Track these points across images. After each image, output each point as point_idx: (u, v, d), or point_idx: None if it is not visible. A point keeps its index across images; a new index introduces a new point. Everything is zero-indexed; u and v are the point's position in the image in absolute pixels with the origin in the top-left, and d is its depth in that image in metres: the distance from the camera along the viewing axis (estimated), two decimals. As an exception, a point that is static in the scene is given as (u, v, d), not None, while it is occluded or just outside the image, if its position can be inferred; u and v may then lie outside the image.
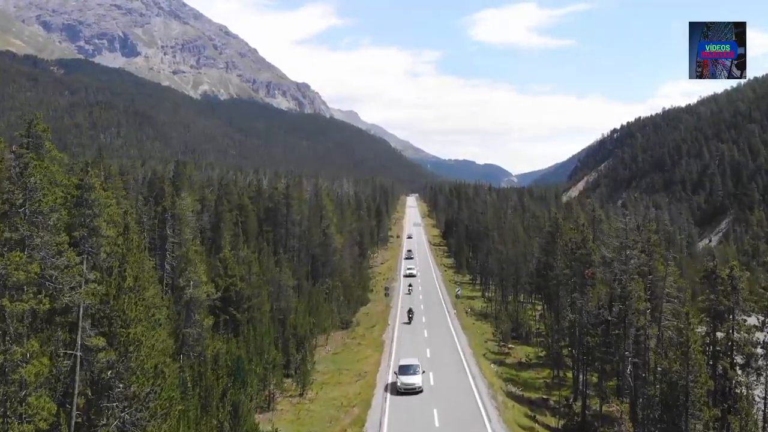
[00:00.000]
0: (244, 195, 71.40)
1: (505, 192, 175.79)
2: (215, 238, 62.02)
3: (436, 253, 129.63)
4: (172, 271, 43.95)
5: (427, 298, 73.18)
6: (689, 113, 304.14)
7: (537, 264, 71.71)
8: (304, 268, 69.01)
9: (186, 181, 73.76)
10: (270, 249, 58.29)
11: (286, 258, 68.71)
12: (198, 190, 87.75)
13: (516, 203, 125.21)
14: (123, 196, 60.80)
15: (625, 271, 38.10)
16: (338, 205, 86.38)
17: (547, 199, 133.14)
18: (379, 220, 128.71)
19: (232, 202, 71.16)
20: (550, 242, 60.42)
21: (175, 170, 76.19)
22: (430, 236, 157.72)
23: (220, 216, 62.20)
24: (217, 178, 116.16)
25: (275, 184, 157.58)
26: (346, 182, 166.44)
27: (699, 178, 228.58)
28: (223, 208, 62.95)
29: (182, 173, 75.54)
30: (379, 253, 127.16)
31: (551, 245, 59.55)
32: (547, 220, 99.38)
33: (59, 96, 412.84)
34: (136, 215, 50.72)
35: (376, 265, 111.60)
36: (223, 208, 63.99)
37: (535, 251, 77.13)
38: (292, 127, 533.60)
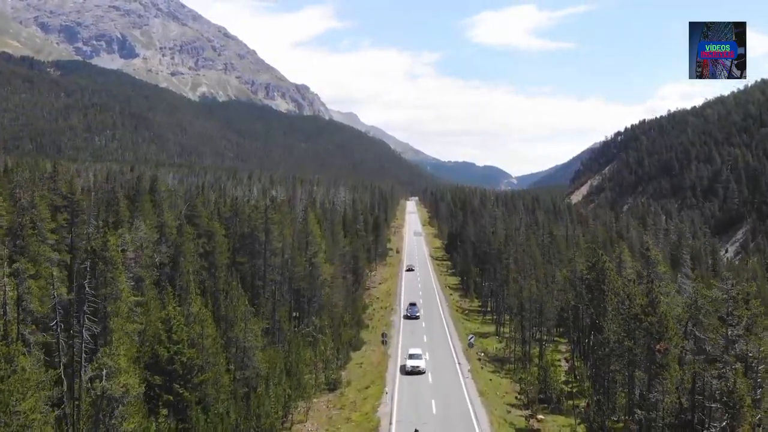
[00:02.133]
0: (214, 219, 59.14)
1: (511, 200, 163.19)
2: (173, 277, 49.87)
3: (439, 269, 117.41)
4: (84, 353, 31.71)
5: (432, 338, 61.03)
6: (695, 116, 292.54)
7: (564, 302, 59.62)
8: (286, 306, 56.92)
9: (147, 203, 61.59)
10: (239, 290, 46.24)
11: (264, 296, 56.56)
12: (169, 208, 75.70)
13: (528, 219, 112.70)
14: (64, 224, 48.70)
15: (726, 361, 25.94)
16: (330, 225, 74.21)
17: (561, 212, 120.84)
18: (378, 235, 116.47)
19: (201, 227, 59.02)
20: (593, 290, 47.48)
21: (137, 186, 63.95)
22: (432, 248, 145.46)
23: (179, 248, 50.01)
24: (194, 192, 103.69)
25: (266, 194, 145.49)
26: (343, 190, 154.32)
27: (710, 184, 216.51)
28: (184, 238, 50.69)
29: (143, 191, 63.35)
30: (377, 269, 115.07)
31: (593, 293, 46.92)
32: (572, 245, 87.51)
33: (54, 98, 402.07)
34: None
35: (373, 286, 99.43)
36: (185, 238, 51.79)
37: (558, 281, 65.11)
38: (291, 129, 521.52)
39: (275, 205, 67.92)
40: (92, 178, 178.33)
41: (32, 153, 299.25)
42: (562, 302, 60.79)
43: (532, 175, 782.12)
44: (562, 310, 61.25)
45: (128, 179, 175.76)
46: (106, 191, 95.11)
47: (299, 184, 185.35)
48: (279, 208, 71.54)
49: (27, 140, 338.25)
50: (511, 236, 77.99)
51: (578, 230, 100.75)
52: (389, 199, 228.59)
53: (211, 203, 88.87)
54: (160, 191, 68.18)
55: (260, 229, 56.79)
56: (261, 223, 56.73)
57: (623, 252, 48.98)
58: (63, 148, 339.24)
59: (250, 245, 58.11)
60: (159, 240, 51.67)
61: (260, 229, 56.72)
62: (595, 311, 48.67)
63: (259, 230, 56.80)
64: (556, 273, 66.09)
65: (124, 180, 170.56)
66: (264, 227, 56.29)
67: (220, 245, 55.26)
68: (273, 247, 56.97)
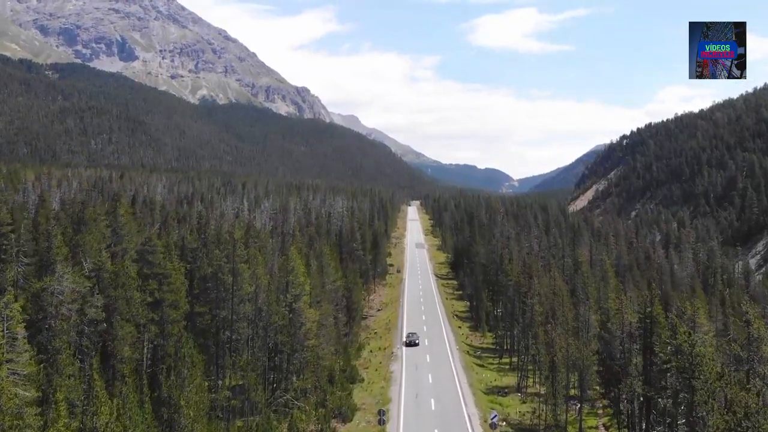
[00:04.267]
0: (173, 255, 46.76)
1: (517, 206, 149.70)
2: (106, 342, 37.59)
3: (444, 290, 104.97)
4: None
5: (441, 402, 48.73)
6: (704, 119, 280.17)
7: (601, 355, 47.25)
8: (259, 367, 44.63)
9: (94, 233, 49.30)
10: (192, 356, 34.14)
11: (230, 356, 44.23)
12: (137, 232, 63.63)
13: (544, 239, 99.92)
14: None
15: None
16: (319, 255, 61.95)
17: (580, 230, 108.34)
18: (377, 253, 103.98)
19: (154, 263, 46.59)
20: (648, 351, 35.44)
21: (79, 212, 51.48)
22: (436, 264, 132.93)
23: (110, 304, 37.65)
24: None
25: (259, 203, 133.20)
26: (340, 200, 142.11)
27: (725, 191, 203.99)
28: (119, 291, 38.37)
29: (89, 221, 50.98)
30: (377, 290, 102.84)
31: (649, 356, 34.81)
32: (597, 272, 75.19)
33: (51, 101, 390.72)
34: None
35: (371, 314, 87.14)
36: (128, 285, 39.53)
37: (593, 327, 52.84)
38: (291, 132, 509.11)
39: (253, 234, 55.56)
40: (76, 187, 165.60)
41: (26, 157, 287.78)
42: (602, 355, 48.49)
43: (534, 178, 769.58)
44: (601, 365, 48.93)
45: (115, 188, 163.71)
46: (75, 210, 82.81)
47: (294, 195, 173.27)
48: (258, 235, 59.12)
49: (22, 144, 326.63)
50: (529, 265, 65.47)
51: (599, 248, 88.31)
52: (389, 206, 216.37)
53: (187, 224, 76.63)
54: (123, 214, 56.00)
55: (226, 270, 44.44)
56: (227, 264, 44.35)
57: (698, 313, 36.53)
58: (58, 152, 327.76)
59: (215, 290, 45.78)
60: (92, 290, 39.36)
61: (226, 270, 44.36)
62: (654, 388, 36.54)
63: (225, 271, 44.45)
64: (589, 316, 53.72)
65: (111, 189, 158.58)
66: (230, 268, 43.93)
67: (175, 292, 42.95)
68: (242, 293, 44.68)
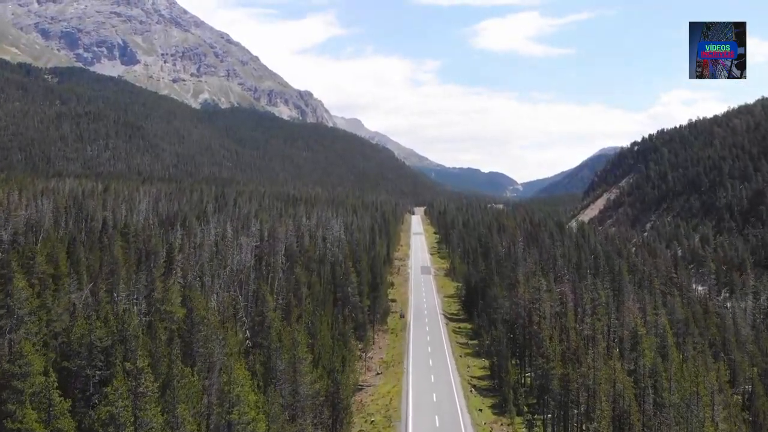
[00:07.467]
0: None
1: (538, 235, 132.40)
2: None
3: (456, 339, 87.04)
4: None
5: None
6: (721, 126, 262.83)
7: None
8: None
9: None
10: None
11: None
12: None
13: (578, 287, 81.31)
14: None
15: None
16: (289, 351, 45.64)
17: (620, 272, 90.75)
18: (376, 296, 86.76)
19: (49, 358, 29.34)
20: None
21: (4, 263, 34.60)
22: (444, 297, 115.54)
23: None
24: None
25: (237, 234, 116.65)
26: (336, 223, 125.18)
27: (751, 205, 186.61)
28: None
29: None
30: (376, 339, 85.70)
31: None
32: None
33: (48, 106, 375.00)
34: None
35: (367, 383, 69.35)
36: None
37: None
38: (292, 137, 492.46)
39: (197, 318, 38.51)
40: (48, 206, 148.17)
41: (20, 164, 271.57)
42: None
43: (538, 182, 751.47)
44: None
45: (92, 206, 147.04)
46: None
47: (290, 209, 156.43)
48: (206, 322, 42.16)
49: (16, 150, 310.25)
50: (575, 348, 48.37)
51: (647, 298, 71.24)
52: (392, 219, 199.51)
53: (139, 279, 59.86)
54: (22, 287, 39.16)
55: (123, 419, 27.43)
56: (123, 407, 27.28)
57: None
58: (53, 158, 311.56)
59: None
60: None
61: (123, 418, 27.36)
62: None
63: (122, 419, 27.42)
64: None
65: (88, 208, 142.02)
66: (132, 419, 26.92)
67: None
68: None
